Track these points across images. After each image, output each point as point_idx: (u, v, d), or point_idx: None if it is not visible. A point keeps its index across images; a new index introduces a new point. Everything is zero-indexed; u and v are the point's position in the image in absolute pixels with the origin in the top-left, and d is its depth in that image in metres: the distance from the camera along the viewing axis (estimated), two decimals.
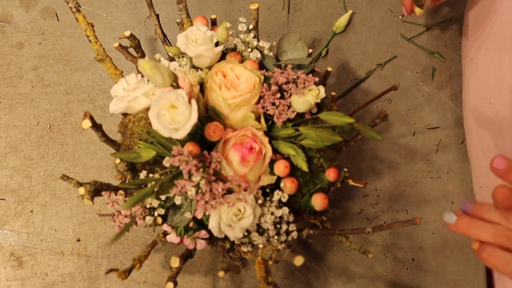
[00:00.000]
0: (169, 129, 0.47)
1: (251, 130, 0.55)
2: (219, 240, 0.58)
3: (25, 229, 0.70)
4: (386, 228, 0.53)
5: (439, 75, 0.81)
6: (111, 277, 0.68)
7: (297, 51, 0.62)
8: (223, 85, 0.55)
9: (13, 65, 0.78)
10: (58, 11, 0.82)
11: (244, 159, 0.53)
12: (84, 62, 0.79)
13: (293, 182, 0.56)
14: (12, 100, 0.76)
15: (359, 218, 0.74)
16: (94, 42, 0.62)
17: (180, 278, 0.68)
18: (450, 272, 0.72)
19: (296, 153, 0.56)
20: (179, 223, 0.54)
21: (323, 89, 0.56)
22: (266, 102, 0.56)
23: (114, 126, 0.75)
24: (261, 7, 0.83)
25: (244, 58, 0.62)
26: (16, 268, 0.68)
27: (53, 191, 0.72)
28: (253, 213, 0.53)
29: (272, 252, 0.52)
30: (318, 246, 0.72)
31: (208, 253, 0.70)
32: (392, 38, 0.83)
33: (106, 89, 0.78)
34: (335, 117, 0.55)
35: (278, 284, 0.69)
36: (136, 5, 0.83)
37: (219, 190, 0.51)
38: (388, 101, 0.79)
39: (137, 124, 0.58)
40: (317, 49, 0.82)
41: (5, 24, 0.80)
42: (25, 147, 0.74)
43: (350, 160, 0.76)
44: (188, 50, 0.57)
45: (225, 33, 0.58)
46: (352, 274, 0.71)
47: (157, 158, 0.55)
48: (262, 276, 0.52)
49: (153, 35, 0.82)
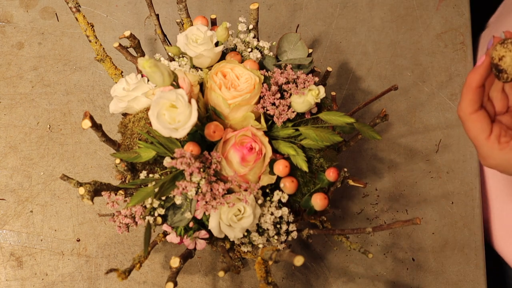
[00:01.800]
0: (169, 128, 0.47)
1: (251, 130, 0.55)
2: (219, 240, 0.58)
3: (25, 229, 0.70)
4: (386, 228, 0.53)
5: (439, 75, 0.81)
6: (111, 277, 0.68)
7: (297, 51, 0.62)
8: (223, 85, 0.55)
9: (13, 65, 0.78)
10: (58, 11, 0.82)
11: (244, 159, 0.53)
12: (84, 62, 0.79)
13: (293, 181, 0.56)
14: (12, 100, 0.76)
15: (359, 218, 0.74)
16: (94, 42, 0.62)
17: (180, 278, 0.68)
18: (450, 272, 0.72)
19: (296, 153, 0.56)
20: (179, 223, 0.54)
21: (323, 89, 0.56)
22: (266, 102, 0.56)
23: (114, 126, 0.75)
24: (261, 7, 0.83)
25: (244, 58, 0.62)
26: (16, 268, 0.68)
27: (53, 191, 0.72)
28: (253, 213, 0.53)
29: (272, 252, 0.52)
30: (318, 246, 0.72)
31: (208, 253, 0.70)
32: (392, 38, 0.83)
33: (106, 89, 0.78)
34: (335, 117, 0.55)
35: (278, 284, 0.69)
36: (136, 5, 0.83)
37: (219, 190, 0.51)
38: (388, 101, 0.79)
39: (137, 124, 0.58)
40: (317, 49, 0.82)
41: (5, 24, 0.80)
42: (25, 147, 0.74)
43: (350, 160, 0.76)
44: (188, 50, 0.57)
45: (225, 33, 0.58)
46: (352, 274, 0.71)
47: (157, 158, 0.55)
48: (262, 276, 0.52)
49: (153, 35, 0.82)
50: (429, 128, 0.78)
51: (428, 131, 0.78)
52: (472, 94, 0.45)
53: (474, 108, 0.45)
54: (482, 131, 0.45)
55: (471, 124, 0.45)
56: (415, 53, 0.82)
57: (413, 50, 0.82)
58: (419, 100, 0.80)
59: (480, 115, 0.45)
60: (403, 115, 0.79)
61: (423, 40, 0.83)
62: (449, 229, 0.74)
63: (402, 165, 0.76)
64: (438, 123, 0.78)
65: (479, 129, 0.45)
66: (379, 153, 0.77)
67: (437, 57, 0.81)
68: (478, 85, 0.45)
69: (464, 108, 0.45)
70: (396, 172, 0.76)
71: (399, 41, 0.82)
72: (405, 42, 0.82)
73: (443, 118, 0.79)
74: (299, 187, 0.57)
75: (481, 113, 0.45)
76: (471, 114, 0.45)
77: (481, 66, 0.44)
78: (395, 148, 0.77)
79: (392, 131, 0.78)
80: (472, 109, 0.45)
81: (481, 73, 0.44)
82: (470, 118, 0.45)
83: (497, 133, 0.45)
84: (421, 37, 0.83)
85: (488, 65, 0.44)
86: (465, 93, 0.45)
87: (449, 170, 0.76)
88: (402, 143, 0.78)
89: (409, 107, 0.79)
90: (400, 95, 0.80)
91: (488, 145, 0.45)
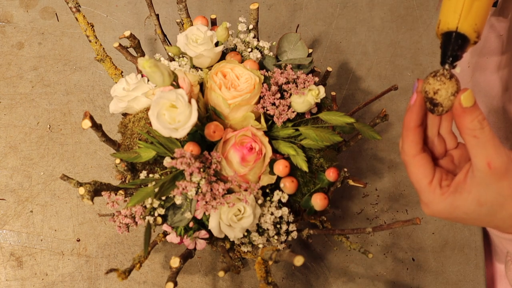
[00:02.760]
0: (169, 128, 0.47)
1: (251, 130, 0.55)
2: (219, 240, 0.58)
3: (25, 229, 0.70)
4: (386, 228, 0.53)
5: None
6: (111, 277, 0.68)
7: (297, 51, 0.62)
8: (223, 85, 0.55)
9: (13, 65, 0.78)
10: (58, 11, 0.82)
11: (244, 159, 0.53)
12: (84, 62, 0.79)
13: (293, 181, 0.56)
14: (12, 100, 0.76)
15: (359, 218, 0.74)
16: (94, 42, 0.62)
17: (180, 278, 0.68)
18: (450, 272, 0.72)
19: (296, 153, 0.56)
20: (179, 223, 0.54)
21: (323, 89, 0.56)
22: (266, 102, 0.56)
23: (114, 126, 0.75)
24: (261, 7, 0.83)
25: (244, 58, 0.62)
26: (16, 268, 0.68)
27: (53, 191, 0.72)
28: (253, 213, 0.53)
29: (272, 252, 0.52)
30: (318, 246, 0.72)
31: (208, 253, 0.70)
32: (392, 38, 0.83)
33: (106, 89, 0.78)
34: (335, 117, 0.55)
35: (278, 284, 0.69)
36: (136, 5, 0.83)
37: (219, 190, 0.51)
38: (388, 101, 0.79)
39: (137, 124, 0.58)
40: (317, 49, 0.82)
41: (5, 24, 0.80)
42: (25, 147, 0.74)
43: (350, 160, 0.76)
44: (188, 50, 0.57)
45: (225, 33, 0.58)
46: (352, 274, 0.71)
47: (157, 158, 0.55)
48: (262, 276, 0.52)
49: (153, 35, 0.82)
50: None
51: None
52: (412, 135, 0.43)
53: (416, 149, 0.44)
54: (424, 175, 0.43)
55: (414, 167, 0.44)
56: (415, 53, 0.82)
57: (413, 50, 0.82)
58: None
59: (423, 158, 0.43)
60: (403, 115, 0.79)
61: (423, 40, 0.83)
62: (449, 229, 0.74)
63: (402, 165, 0.76)
64: None
65: (422, 173, 0.43)
66: (379, 153, 0.77)
67: (437, 57, 0.81)
68: (416, 125, 0.43)
69: (407, 151, 0.44)
70: (396, 172, 0.76)
71: (399, 41, 0.82)
72: (405, 42, 0.82)
73: None
74: (299, 187, 0.57)
75: (424, 156, 0.44)
76: (414, 156, 0.43)
77: (415, 105, 0.43)
78: (395, 148, 0.77)
79: (392, 131, 0.78)
80: (414, 151, 0.43)
81: (417, 112, 0.43)
82: (413, 161, 0.43)
83: (438, 178, 0.43)
84: (421, 37, 0.83)
85: (421, 101, 0.43)
86: (405, 135, 0.44)
87: None
88: None
89: None
90: (400, 95, 0.80)
91: (430, 191, 0.43)
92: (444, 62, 0.42)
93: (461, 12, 0.42)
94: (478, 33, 0.42)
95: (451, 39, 0.42)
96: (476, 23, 0.42)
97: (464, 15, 0.42)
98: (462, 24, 0.42)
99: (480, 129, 0.40)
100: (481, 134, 0.39)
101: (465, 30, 0.42)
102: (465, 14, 0.42)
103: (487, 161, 0.39)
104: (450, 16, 0.42)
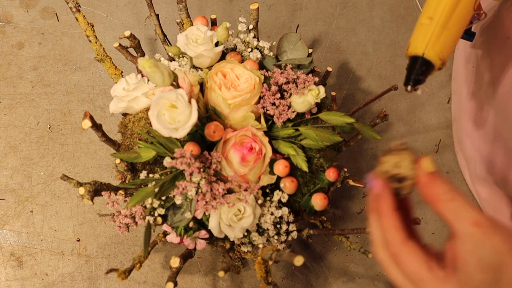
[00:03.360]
0: (169, 128, 0.47)
1: (251, 130, 0.55)
2: (219, 240, 0.58)
3: (25, 229, 0.70)
4: None
5: (439, 75, 0.81)
6: (111, 277, 0.68)
7: (297, 51, 0.62)
8: (223, 85, 0.55)
9: (13, 65, 0.78)
10: (58, 11, 0.82)
11: (244, 159, 0.53)
12: (84, 62, 0.79)
13: (293, 181, 0.56)
14: (12, 100, 0.76)
15: (359, 218, 0.74)
16: (94, 42, 0.62)
17: (180, 278, 0.68)
18: None
19: (296, 153, 0.56)
20: (179, 223, 0.54)
21: (323, 89, 0.56)
22: (266, 102, 0.56)
23: (114, 126, 0.75)
24: (261, 7, 0.83)
25: (244, 58, 0.62)
26: (16, 268, 0.68)
27: (53, 191, 0.72)
28: (253, 213, 0.53)
29: (272, 252, 0.52)
30: (318, 246, 0.72)
31: (208, 253, 0.70)
32: (392, 38, 0.83)
33: (106, 89, 0.78)
34: (335, 117, 0.55)
35: (278, 284, 0.69)
36: (136, 5, 0.83)
37: (219, 190, 0.51)
38: (388, 101, 0.79)
39: (137, 124, 0.58)
40: (317, 49, 0.82)
41: (5, 24, 0.80)
42: (25, 147, 0.74)
43: (350, 160, 0.76)
44: (188, 50, 0.57)
45: (225, 33, 0.58)
46: (352, 274, 0.71)
47: (157, 158, 0.55)
48: (262, 276, 0.52)
49: (153, 35, 0.82)
50: (429, 128, 0.78)
51: (428, 131, 0.78)
52: (393, 221, 0.38)
53: (403, 235, 0.38)
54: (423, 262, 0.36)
55: (408, 256, 0.37)
56: None
57: None
58: (419, 100, 0.80)
59: (413, 242, 0.37)
60: (403, 115, 0.79)
61: None
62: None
63: None
64: (438, 123, 0.78)
65: (418, 261, 0.36)
66: (379, 153, 0.77)
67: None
68: (394, 208, 0.39)
69: (392, 240, 0.38)
70: None
71: (399, 41, 0.82)
72: (405, 42, 0.82)
73: (443, 118, 0.79)
74: (299, 187, 0.57)
75: (413, 240, 0.38)
76: (404, 244, 0.37)
77: (383, 190, 0.39)
78: None
79: (392, 131, 0.78)
80: (402, 237, 0.38)
81: (388, 194, 0.39)
82: (404, 249, 0.37)
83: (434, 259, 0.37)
84: None
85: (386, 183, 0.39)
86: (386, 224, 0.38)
87: (449, 170, 0.76)
88: None
89: (409, 107, 0.79)
90: (400, 95, 0.80)
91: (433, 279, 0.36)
92: (407, 84, 0.44)
93: (429, 40, 0.43)
94: (443, 60, 0.44)
95: (417, 64, 0.43)
96: (442, 52, 0.43)
97: (432, 43, 0.43)
98: (429, 51, 0.43)
99: (453, 191, 0.36)
100: (457, 196, 0.36)
101: (431, 57, 0.43)
102: (433, 42, 0.43)
103: (472, 221, 0.35)
104: (419, 42, 0.44)
